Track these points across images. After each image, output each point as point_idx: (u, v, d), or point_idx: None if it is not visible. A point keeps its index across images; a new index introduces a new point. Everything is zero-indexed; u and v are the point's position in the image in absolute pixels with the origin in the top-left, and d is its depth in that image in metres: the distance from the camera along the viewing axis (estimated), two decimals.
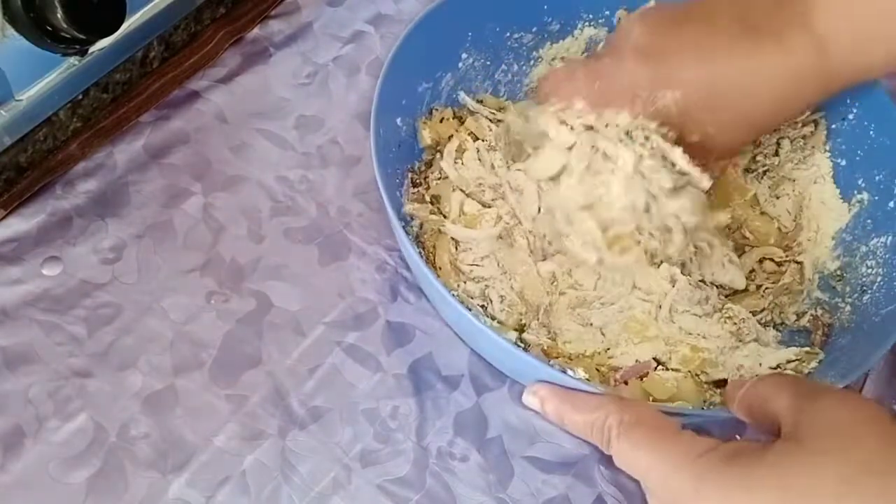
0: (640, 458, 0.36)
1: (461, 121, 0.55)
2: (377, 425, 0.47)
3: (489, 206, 0.51)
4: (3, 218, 0.50)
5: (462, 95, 0.55)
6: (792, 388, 0.35)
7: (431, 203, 0.52)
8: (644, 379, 0.47)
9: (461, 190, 0.52)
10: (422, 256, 0.44)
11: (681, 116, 0.43)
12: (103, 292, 0.49)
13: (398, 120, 0.51)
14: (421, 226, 0.51)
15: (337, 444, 0.46)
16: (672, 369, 0.47)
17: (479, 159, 0.53)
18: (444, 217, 0.51)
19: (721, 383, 0.47)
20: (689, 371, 0.47)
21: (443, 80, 0.54)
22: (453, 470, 0.46)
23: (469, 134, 0.54)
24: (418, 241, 0.50)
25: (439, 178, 0.53)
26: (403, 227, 0.44)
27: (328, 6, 0.62)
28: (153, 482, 0.44)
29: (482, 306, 0.48)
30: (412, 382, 0.48)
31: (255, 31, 0.60)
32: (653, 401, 0.46)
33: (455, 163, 0.53)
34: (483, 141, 0.54)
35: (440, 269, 0.49)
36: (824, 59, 0.41)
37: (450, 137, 0.53)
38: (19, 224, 0.50)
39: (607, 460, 0.46)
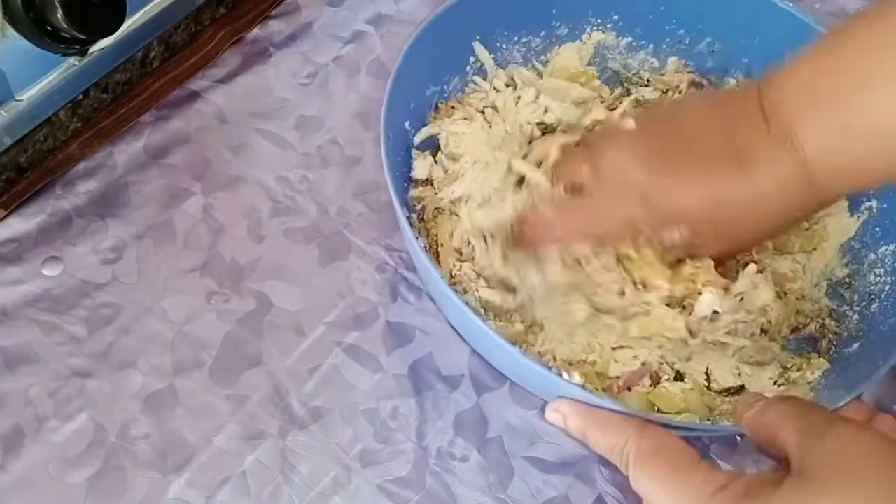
0: (655, 493, 0.37)
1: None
2: (377, 425, 0.47)
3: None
4: (3, 218, 0.50)
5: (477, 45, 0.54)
6: (798, 422, 0.35)
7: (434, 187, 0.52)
8: (653, 389, 0.46)
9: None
10: (427, 252, 0.44)
11: (686, 247, 0.45)
12: (103, 292, 0.49)
13: (406, 123, 0.51)
14: (422, 213, 0.51)
15: (337, 444, 0.46)
16: (677, 375, 0.47)
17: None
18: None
19: (727, 392, 0.47)
20: (695, 381, 0.47)
21: (450, 84, 0.54)
22: (453, 470, 0.46)
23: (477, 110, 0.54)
24: (420, 225, 0.50)
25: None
26: (408, 219, 0.44)
27: (328, 6, 0.62)
28: (153, 482, 0.44)
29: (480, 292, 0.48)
30: (412, 382, 0.48)
31: (255, 31, 0.60)
32: (658, 412, 0.46)
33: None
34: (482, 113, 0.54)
35: (442, 245, 0.49)
36: (814, 183, 0.42)
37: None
38: (19, 224, 0.50)
39: (608, 461, 0.47)
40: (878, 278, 0.49)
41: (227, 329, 0.49)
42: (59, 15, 0.42)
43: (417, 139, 0.52)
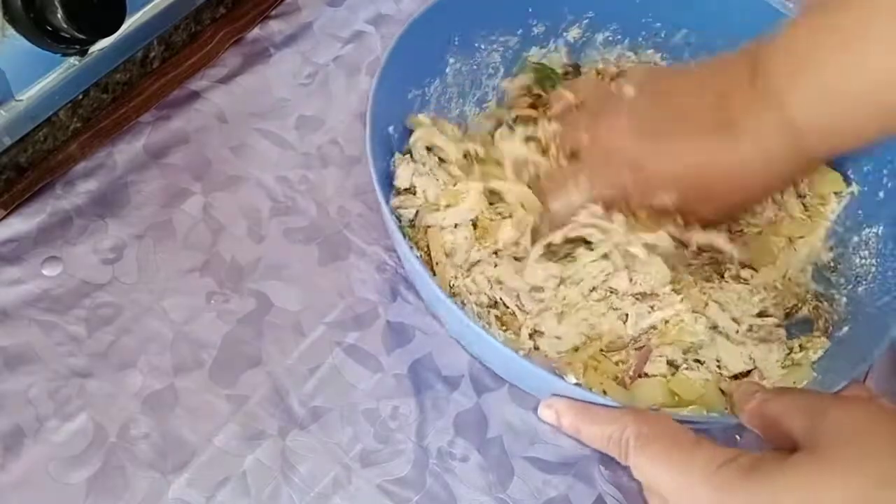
0: (660, 473, 0.36)
1: None
2: (377, 425, 0.47)
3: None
4: (4, 218, 0.50)
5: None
6: (802, 408, 0.35)
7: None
8: (672, 376, 0.47)
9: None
10: (420, 259, 0.44)
11: (678, 209, 0.47)
12: (103, 292, 0.49)
13: (390, 128, 0.51)
14: (412, 224, 0.50)
15: (337, 444, 0.46)
16: (693, 362, 0.47)
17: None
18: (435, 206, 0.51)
19: (739, 376, 0.47)
20: (710, 370, 0.47)
21: (431, 87, 0.54)
22: (453, 470, 0.46)
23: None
24: (411, 237, 0.50)
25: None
26: (399, 230, 0.44)
27: (328, 6, 0.62)
28: (153, 482, 0.44)
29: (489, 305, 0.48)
30: (412, 382, 0.48)
31: (255, 31, 0.60)
32: (679, 401, 0.46)
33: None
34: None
35: (437, 264, 0.49)
36: (800, 147, 0.43)
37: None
38: (19, 224, 0.50)
39: (607, 461, 0.47)
40: (864, 261, 0.50)
41: (227, 329, 0.48)
42: (59, 15, 0.42)
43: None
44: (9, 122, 0.47)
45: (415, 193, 0.51)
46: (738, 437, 0.49)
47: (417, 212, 0.50)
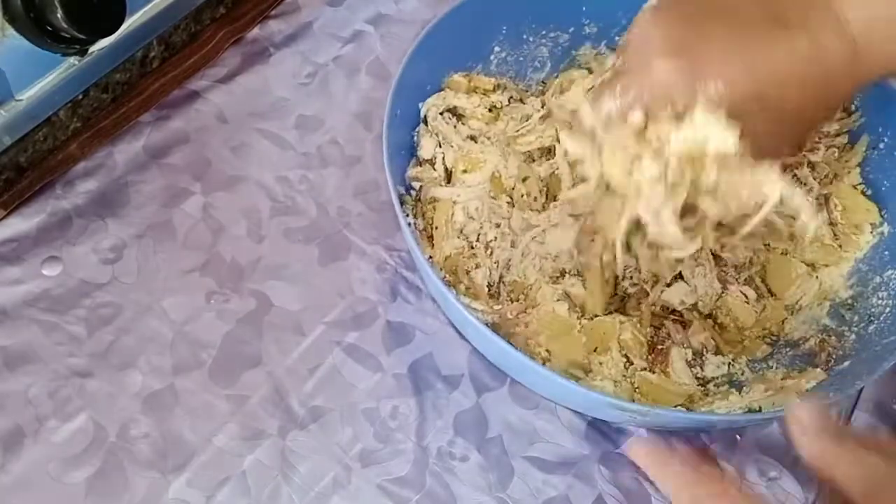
0: None
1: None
2: (377, 425, 0.47)
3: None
4: (3, 218, 0.50)
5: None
6: (861, 477, 0.33)
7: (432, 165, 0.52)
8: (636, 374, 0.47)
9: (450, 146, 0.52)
10: (422, 234, 0.44)
11: (728, 111, 0.39)
12: (103, 292, 0.49)
13: (420, 104, 0.51)
14: (418, 197, 0.51)
15: (337, 444, 0.46)
16: None
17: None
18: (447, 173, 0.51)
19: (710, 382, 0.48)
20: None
21: (472, 72, 0.54)
22: (453, 470, 0.46)
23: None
24: (417, 210, 0.50)
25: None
26: (401, 204, 0.44)
27: (328, 6, 0.62)
28: (153, 482, 0.44)
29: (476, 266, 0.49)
30: (412, 382, 0.48)
31: (255, 31, 0.60)
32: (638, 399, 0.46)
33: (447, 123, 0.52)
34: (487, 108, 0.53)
35: (436, 228, 0.49)
36: (855, 50, 0.39)
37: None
38: (19, 224, 0.50)
39: (607, 460, 0.47)
40: (881, 301, 0.48)
41: (227, 329, 0.49)
42: (59, 15, 0.42)
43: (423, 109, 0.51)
44: (9, 122, 0.47)
45: (434, 166, 0.51)
46: (738, 437, 0.49)
47: (421, 186, 0.50)
